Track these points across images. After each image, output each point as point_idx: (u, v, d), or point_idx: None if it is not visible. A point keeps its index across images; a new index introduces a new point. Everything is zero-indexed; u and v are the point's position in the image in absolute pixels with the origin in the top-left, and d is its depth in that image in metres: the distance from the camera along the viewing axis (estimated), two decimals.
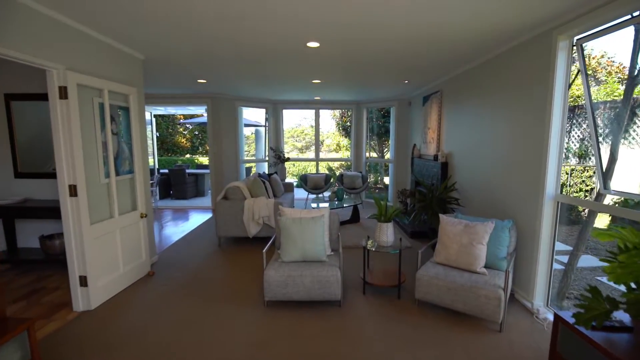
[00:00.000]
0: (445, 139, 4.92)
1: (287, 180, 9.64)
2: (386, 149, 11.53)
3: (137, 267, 3.46)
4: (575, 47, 2.51)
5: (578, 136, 3.05)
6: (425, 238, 4.92)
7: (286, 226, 2.93)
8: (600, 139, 2.48)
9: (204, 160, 13.00)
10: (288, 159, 7.70)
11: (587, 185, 3.84)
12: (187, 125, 15.15)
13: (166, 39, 3.08)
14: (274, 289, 2.75)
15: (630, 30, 2.23)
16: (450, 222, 2.90)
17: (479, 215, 3.80)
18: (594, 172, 3.85)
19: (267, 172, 7.99)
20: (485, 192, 3.67)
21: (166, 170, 8.78)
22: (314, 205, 5.74)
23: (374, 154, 10.91)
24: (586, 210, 3.22)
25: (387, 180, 11.16)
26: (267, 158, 8.02)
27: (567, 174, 3.77)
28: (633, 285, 1.52)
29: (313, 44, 3.21)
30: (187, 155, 15.64)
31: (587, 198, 3.46)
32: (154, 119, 8.37)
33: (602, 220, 3.16)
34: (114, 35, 3.00)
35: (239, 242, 4.71)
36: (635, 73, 2.41)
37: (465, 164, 4.22)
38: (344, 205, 5.55)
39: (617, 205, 2.60)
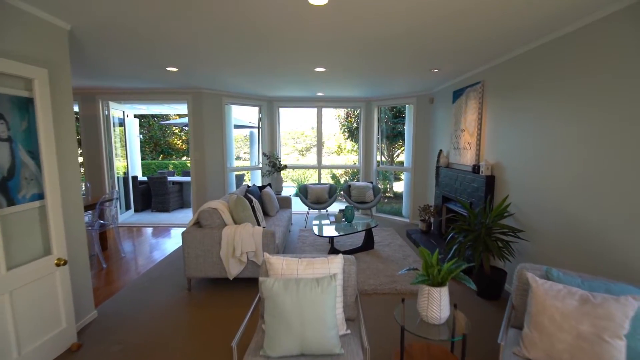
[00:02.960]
0: (489, 145, 3.75)
1: (285, 187, 8.44)
2: (396, 154, 10.37)
3: (52, 342, 2.29)
4: None
5: None
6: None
7: (274, 295, 1.74)
8: None
9: None
10: (285, 167, 6.51)
11: None
12: (184, 128, 14.02)
13: None
14: None
15: None
16: (552, 293, 1.71)
17: (554, 262, 2.62)
18: None
19: (259, 184, 6.83)
20: (567, 226, 2.49)
21: (145, 179, 7.62)
22: (315, 222, 4.58)
23: (382, 159, 9.75)
24: None
25: (397, 187, 9.97)
26: (260, 166, 6.83)
27: None
28: None
29: (318, 0, 2.05)
30: (184, 158, 14.51)
31: None
32: (134, 120, 7.19)
33: None
34: None
35: (217, 284, 3.53)
36: None
37: (525, 180, 3.05)
38: (354, 225, 4.38)
39: None
